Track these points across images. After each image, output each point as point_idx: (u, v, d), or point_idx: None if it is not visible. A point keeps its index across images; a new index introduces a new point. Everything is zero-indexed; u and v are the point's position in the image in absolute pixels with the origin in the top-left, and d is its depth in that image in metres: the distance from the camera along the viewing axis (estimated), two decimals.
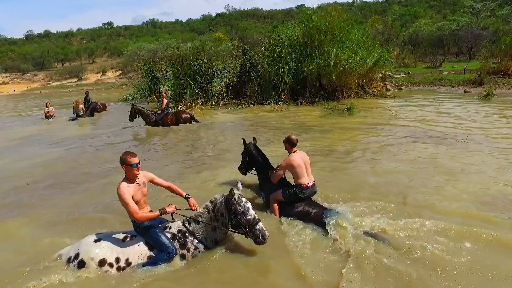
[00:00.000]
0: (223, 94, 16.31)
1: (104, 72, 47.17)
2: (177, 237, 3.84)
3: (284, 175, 4.95)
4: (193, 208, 3.99)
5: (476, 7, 33.29)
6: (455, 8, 46.28)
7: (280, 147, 5.07)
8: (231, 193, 3.76)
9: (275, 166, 5.11)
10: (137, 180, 3.75)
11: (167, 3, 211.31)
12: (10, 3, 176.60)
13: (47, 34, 72.98)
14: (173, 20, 79.31)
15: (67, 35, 72.15)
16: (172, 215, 3.88)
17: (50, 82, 44.95)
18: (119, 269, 3.64)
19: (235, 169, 5.78)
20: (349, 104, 12.21)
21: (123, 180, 3.70)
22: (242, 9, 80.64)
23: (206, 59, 16.22)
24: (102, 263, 3.62)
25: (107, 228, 4.49)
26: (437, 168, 6.18)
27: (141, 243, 3.78)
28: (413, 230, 4.08)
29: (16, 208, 5.68)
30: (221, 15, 74.41)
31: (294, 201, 4.66)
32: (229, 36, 50.22)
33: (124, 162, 3.65)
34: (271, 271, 3.58)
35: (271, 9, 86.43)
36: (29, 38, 70.46)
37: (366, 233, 4.02)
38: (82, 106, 15.57)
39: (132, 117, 11.99)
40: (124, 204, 3.60)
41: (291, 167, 4.63)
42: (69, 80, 44.88)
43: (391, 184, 5.59)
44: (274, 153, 6.95)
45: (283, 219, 4.60)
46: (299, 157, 4.67)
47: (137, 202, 3.67)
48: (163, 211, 3.73)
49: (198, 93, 15.66)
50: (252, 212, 3.77)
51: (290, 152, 4.75)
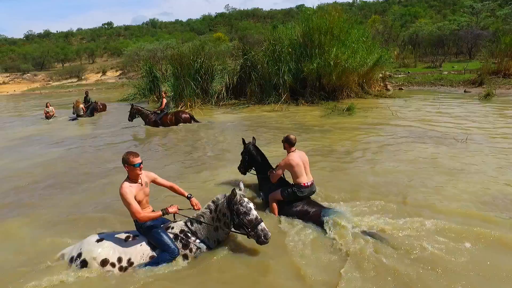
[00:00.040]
0: (223, 94, 16.30)
1: (104, 72, 47.20)
2: (179, 237, 3.82)
3: (284, 175, 4.95)
4: (195, 208, 3.99)
5: (476, 7, 33.31)
6: (455, 8, 46.31)
7: (280, 147, 5.08)
8: (233, 193, 3.75)
9: (274, 166, 5.11)
10: (139, 180, 3.74)
11: (167, 3, 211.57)
12: (10, 3, 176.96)
13: (47, 34, 73.03)
14: (173, 20, 79.55)
15: (67, 35, 72.21)
16: (174, 215, 3.87)
17: (50, 82, 44.97)
18: (121, 269, 3.63)
19: (235, 169, 5.79)
20: (349, 104, 12.21)
21: (126, 180, 3.70)
22: (242, 9, 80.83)
23: (206, 59, 16.22)
24: (104, 263, 3.61)
25: (107, 228, 4.49)
26: (437, 168, 6.19)
27: (143, 243, 3.77)
28: (413, 229, 4.08)
29: (16, 208, 5.68)
30: (221, 15, 74.45)
31: (293, 200, 4.66)
32: (229, 36, 50.24)
33: (126, 162, 3.65)
34: (271, 271, 3.59)
35: (271, 9, 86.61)
36: (29, 38, 70.52)
37: (365, 232, 4.02)
38: (82, 106, 15.56)
39: (131, 117, 11.98)
40: (127, 204, 3.60)
41: (289, 167, 4.64)
42: (69, 80, 44.90)
43: (391, 184, 5.59)
44: (274, 153, 6.96)
45: (283, 218, 4.60)
46: (297, 156, 4.68)
47: (139, 202, 3.66)
48: (165, 211, 3.73)
49: (198, 93, 15.66)
50: (254, 212, 3.77)
51: (288, 152, 4.76)
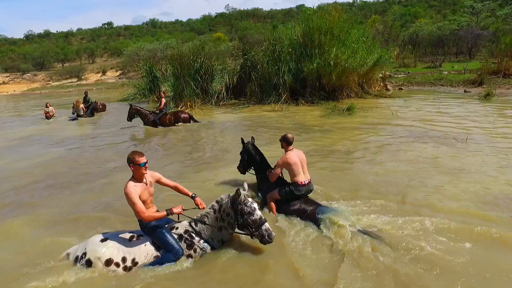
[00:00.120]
0: (223, 94, 16.29)
1: (104, 72, 47.19)
2: (183, 237, 3.82)
3: (282, 175, 4.96)
4: (200, 207, 3.99)
5: (476, 7, 33.31)
6: (455, 8, 46.33)
7: (280, 147, 5.08)
8: (238, 193, 3.75)
9: (273, 166, 5.11)
10: (144, 180, 3.74)
11: (167, 3, 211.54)
12: (10, 3, 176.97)
13: (47, 34, 73.03)
14: (173, 20, 79.55)
15: (67, 35, 72.19)
16: (178, 216, 3.87)
17: (50, 82, 44.96)
18: (125, 268, 3.62)
19: (235, 168, 5.79)
20: (349, 104, 12.21)
21: (130, 180, 3.69)
22: (242, 9, 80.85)
23: (206, 59, 16.21)
24: (108, 262, 3.61)
25: (108, 227, 4.50)
26: (437, 168, 6.18)
27: (147, 243, 3.77)
28: (412, 229, 4.08)
29: (17, 208, 5.67)
30: (221, 15, 74.45)
31: (291, 199, 4.70)
32: (229, 36, 50.23)
33: (132, 161, 3.64)
34: (272, 271, 3.58)
35: (271, 9, 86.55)
36: (29, 38, 70.51)
37: (364, 231, 4.03)
38: (82, 106, 15.56)
39: (130, 117, 11.98)
40: (131, 203, 3.59)
41: (287, 165, 4.68)
42: (69, 80, 44.89)
43: (391, 183, 5.59)
44: (275, 152, 6.95)
45: (283, 218, 4.61)
46: (295, 155, 4.72)
47: (144, 202, 3.66)
48: (170, 212, 3.72)
49: (198, 93, 15.65)
50: (258, 212, 3.77)
51: (286, 150, 4.80)
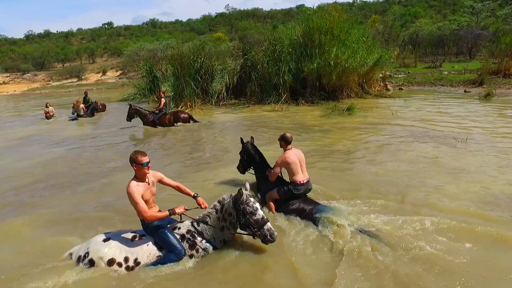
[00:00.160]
0: (223, 94, 16.29)
1: (104, 72, 47.19)
2: (186, 237, 3.81)
3: (281, 174, 4.96)
4: (202, 207, 3.98)
5: (476, 7, 33.32)
6: (455, 8, 46.32)
7: (279, 146, 5.08)
8: (240, 193, 3.75)
9: (272, 165, 5.11)
10: (146, 179, 3.74)
11: (167, 3, 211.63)
12: (10, 3, 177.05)
13: (47, 34, 73.02)
14: (173, 20, 79.53)
15: (67, 35, 72.19)
16: (180, 216, 3.86)
17: (50, 82, 44.97)
18: (128, 268, 3.62)
19: (235, 168, 5.78)
20: (349, 104, 12.21)
21: (133, 179, 3.69)
22: (242, 9, 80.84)
23: (206, 59, 16.21)
24: (111, 262, 3.61)
25: (108, 227, 4.50)
26: (437, 168, 6.18)
27: (150, 243, 3.76)
28: (412, 228, 4.08)
29: (17, 208, 5.67)
30: (221, 15, 74.45)
31: (289, 198, 4.71)
32: (229, 36, 50.23)
33: (134, 161, 3.64)
34: (273, 270, 3.58)
35: (271, 9, 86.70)
36: (29, 38, 70.50)
37: (364, 231, 4.03)
38: (82, 106, 15.57)
39: (129, 117, 11.99)
40: (133, 203, 3.58)
41: (286, 164, 4.69)
42: (69, 80, 44.90)
43: (391, 183, 5.59)
44: (275, 152, 6.94)
45: (283, 218, 4.61)
46: (293, 154, 4.74)
47: (146, 201, 3.66)
48: (172, 212, 3.71)
49: (198, 93, 15.65)
50: (260, 212, 3.77)
51: (285, 150, 4.81)
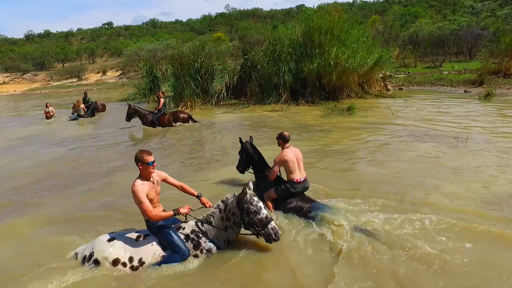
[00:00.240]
0: (224, 94, 16.28)
1: (104, 72, 47.20)
2: (190, 237, 3.81)
3: (280, 173, 4.97)
4: (207, 206, 3.98)
5: (476, 7, 33.35)
6: (455, 8, 46.36)
7: (277, 145, 5.09)
8: (244, 192, 3.75)
9: (271, 165, 5.12)
10: (151, 179, 3.74)
11: (167, 3, 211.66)
12: (10, 3, 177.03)
13: (47, 34, 73.04)
14: (173, 20, 79.59)
15: (67, 35, 72.22)
16: (185, 216, 3.86)
17: (50, 82, 44.97)
18: (132, 268, 3.62)
19: (235, 168, 5.78)
20: (349, 104, 12.21)
21: (138, 178, 3.69)
22: (242, 9, 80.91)
23: (206, 59, 16.20)
24: (115, 262, 3.61)
25: (109, 226, 4.50)
26: (437, 167, 6.18)
27: (154, 243, 3.77)
28: (412, 228, 4.08)
29: (17, 208, 5.67)
30: (221, 15, 74.48)
31: (287, 197, 4.73)
32: (229, 36, 50.24)
33: (140, 160, 3.64)
34: (273, 270, 3.59)
35: (271, 9, 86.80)
36: (29, 38, 70.52)
37: (364, 230, 4.03)
38: (83, 106, 15.57)
39: (129, 117, 11.99)
40: (138, 202, 3.58)
41: (284, 162, 4.72)
42: (69, 80, 44.91)
43: (391, 182, 5.59)
44: (275, 152, 6.91)
45: (283, 217, 4.60)
46: (291, 152, 4.77)
47: (150, 201, 3.66)
48: (176, 212, 3.71)
49: (199, 93, 15.65)
50: (264, 211, 3.78)
51: (283, 148, 4.84)
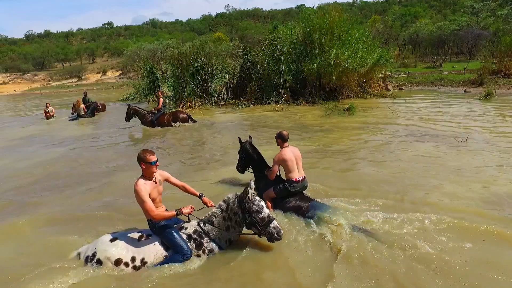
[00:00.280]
0: (224, 94, 16.28)
1: (104, 72, 47.21)
2: (193, 237, 3.81)
3: (279, 172, 4.97)
4: (209, 205, 3.98)
5: (476, 7, 33.35)
6: (455, 8, 46.37)
7: (276, 144, 5.10)
8: (245, 191, 3.75)
9: (271, 164, 5.12)
10: (154, 178, 3.74)
11: (167, 3, 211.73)
12: (10, 3, 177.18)
13: (47, 34, 73.06)
14: (173, 20, 79.65)
15: (67, 35, 72.25)
16: (188, 216, 3.85)
17: (50, 82, 44.98)
18: (134, 268, 3.62)
19: (234, 168, 5.77)
20: (349, 104, 12.21)
21: (140, 177, 3.69)
22: (242, 9, 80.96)
23: (207, 59, 16.19)
24: (118, 262, 3.61)
25: (109, 226, 4.51)
26: (437, 167, 6.18)
27: (156, 243, 3.76)
28: (412, 228, 4.08)
29: (18, 208, 5.66)
30: (221, 15, 74.51)
31: (286, 196, 4.74)
32: (229, 36, 50.24)
33: (143, 160, 3.63)
34: (273, 269, 3.59)
35: (271, 9, 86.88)
36: (29, 38, 70.54)
37: (363, 230, 4.04)
38: (83, 106, 15.57)
39: (128, 117, 12.00)
40: (140, 201, 3.58)
41: (283, 161, 4.73)
42: (69, 80, 44.93)
43: (391, 182, 5.59)
44: (275, 152, 6.92)
45: (283, 217, 4.60)
46: (290, 151, 4.79)
47: (153, 200, 3.66)
48: (179, 212, 3.70)
49: (199, 93, 15.65)
50: (266, 210, 3.78)
51: (282, 147, 4.86)
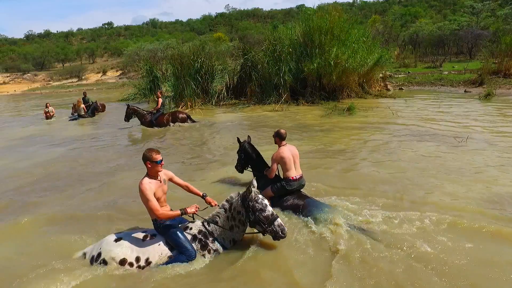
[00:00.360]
0: (224, 94, 16.27)
1: (104, 72, 47.25)
2: (197, 238, 3.80)
3: (278, 172, 4.98)
4: (213, 204, 3.97)
5: (476, 7, 33.36)
6: (456, 8, 46.40)
7: (274, 143, 5.10)
8: (249, 190, 3.75)
9: (270, 163, 5.12)
10: (159, 177, 3.74)
11: (167, 3, 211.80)
12: (10, 3, 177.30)
13: (47, 34, 73.10)
14: (173, 20, 79.72)
15: (67, 35, 72.30)
16: (193, 216, 3.85)
17: (50, 82, 45.01)
18: (139, 268, 3.62)
19: (234, 167, 5.78)
20: (349, 104, 12.21)
21: (145, 176, 3.69)
22: (242, 9, 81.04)
23: (207, 59, 16.19)
24: (122, 262, 3.61)
25: (109, 226, 4.51)
26: (437, 167, 6.18)
27: (161, 243, 3.76)
28: (412, 227, 4.08)
29: (18, 208, 5.67)
30: (221, 15, 74.55)
31: (284, 194, 4.75)
32: (229, 36, 50.26)
33: (149, 159, 3.63)
34: (273, 269, 3.58)
35: (271, 9, 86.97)
36: (29, 38, 70.58)
37: (363, 229, 4.05)
38: (83, 106, 15.57)
39: (127, 117, 12.01)
40: (145, 200, 3.58)
41: (280, 159, 4.75)
42: (69, 80, 44.96)
43: (391, 182, 5.59)
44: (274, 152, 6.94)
45: (283, 216, 4.57)
46: (287, 150, 4.81)
47: (157, 199, 3.66)
48: (184, 211, 3.70)
49: (199, 93, 15.66)
50: (270, 209, 3.78)
51: (279, 146, 4.87)
